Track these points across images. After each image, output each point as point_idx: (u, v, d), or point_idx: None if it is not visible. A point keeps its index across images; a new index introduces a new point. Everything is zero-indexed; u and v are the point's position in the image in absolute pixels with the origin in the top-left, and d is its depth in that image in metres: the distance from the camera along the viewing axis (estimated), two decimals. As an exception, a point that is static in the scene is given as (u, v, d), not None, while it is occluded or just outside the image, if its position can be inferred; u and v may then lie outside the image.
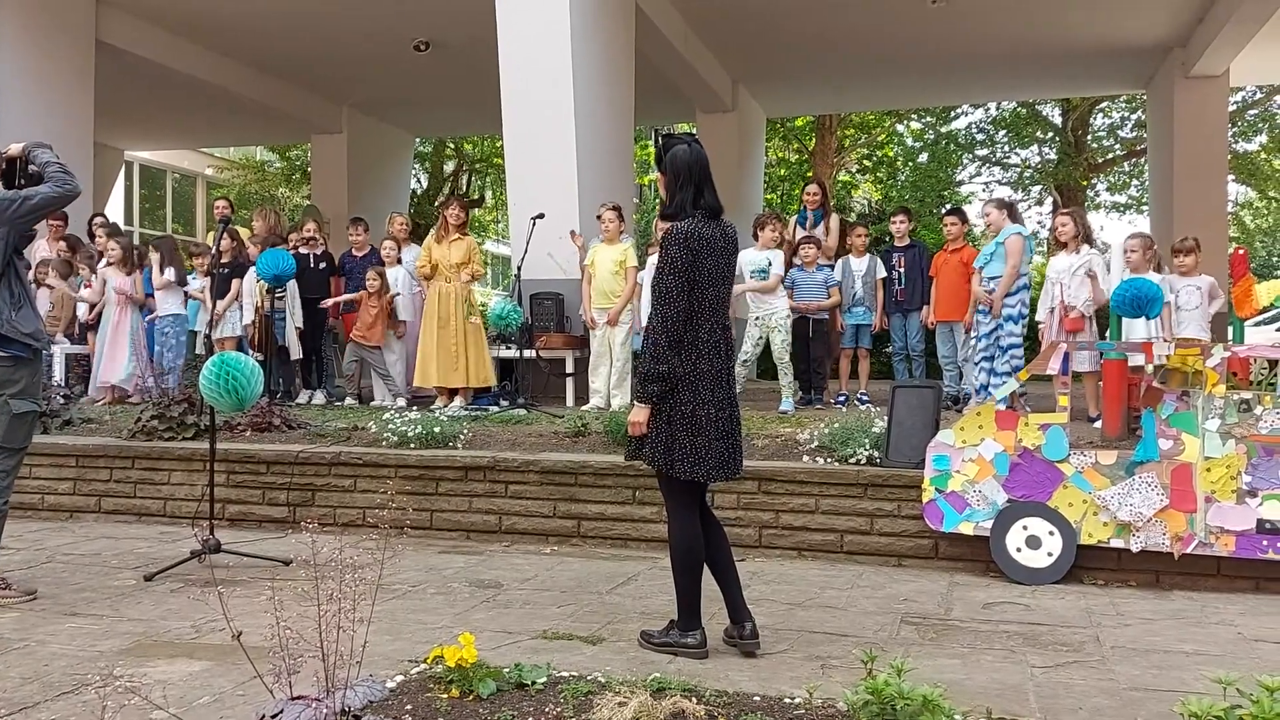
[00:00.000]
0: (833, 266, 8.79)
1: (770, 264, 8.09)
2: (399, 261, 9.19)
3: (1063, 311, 7.20)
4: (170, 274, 9.07)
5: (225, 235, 8.68)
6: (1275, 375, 6.00)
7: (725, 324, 3.84)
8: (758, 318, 8.09)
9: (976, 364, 7.57)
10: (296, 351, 9.12)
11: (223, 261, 9.05)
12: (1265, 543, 4.86)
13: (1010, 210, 7.89)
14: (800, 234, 8.94)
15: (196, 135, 19.93)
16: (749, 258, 8.18)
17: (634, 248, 8.28)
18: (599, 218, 8.24)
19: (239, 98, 14.53)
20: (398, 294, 8.93)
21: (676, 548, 3.82)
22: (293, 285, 8.98)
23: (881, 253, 9.22)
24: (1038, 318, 7.64)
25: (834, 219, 9.34)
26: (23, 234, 4.70)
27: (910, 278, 8.69)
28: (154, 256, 9.31)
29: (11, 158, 4.68)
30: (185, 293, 9.32)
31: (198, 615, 4.31)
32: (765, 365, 9.53)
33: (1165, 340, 6.54)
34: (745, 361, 8.20)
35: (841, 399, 8.68)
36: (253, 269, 8.98)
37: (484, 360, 8.43)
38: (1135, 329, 6.99)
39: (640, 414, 3.73)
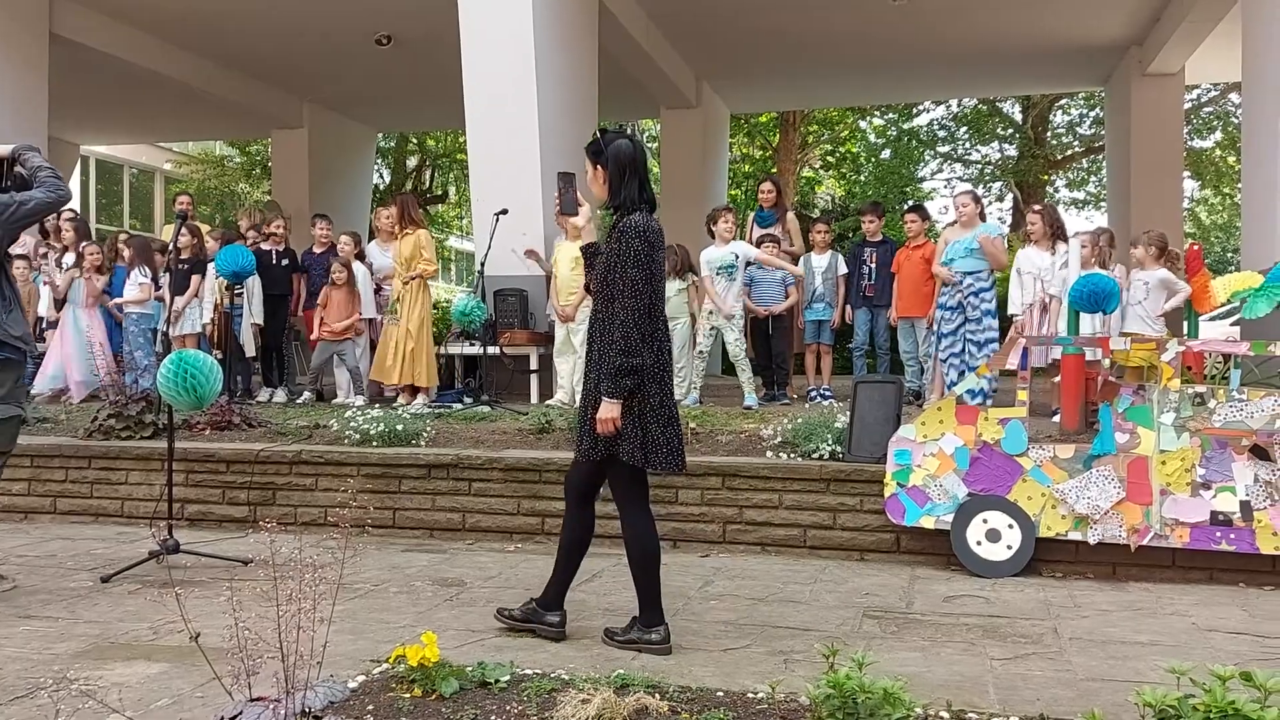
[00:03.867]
0: (794, 263, 8.82)
1: (737, 257, 8.12)
2: (358, 257, 9.13)
3: (1043, 306, 7.31)
4: (141, 275, 8.97)
5: (185, 231, 8.59)
6: (1229, 370, 6.10)
7: (666, 317, 3.89)
8: (710, 312, 8.12)
9: (945, 360, 7.62)
10: (252, 349, 9.02)
11: (181, 258, 8.95)
12: (1219, 534, 4.95)
13: (980, 206, 7.98)
14: (758, 232, 8.96)
15: (154, 129, 19.66)
16: (713, 255, 8.20)
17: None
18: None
19: (198, 92, 14.33)
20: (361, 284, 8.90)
21: (636, 546, 3.82)
22: (251, 282, 8.88)
23: (852, 248, 9.26)
24: (1012, 311, 7.69)
25: (790, 217, 9.36)
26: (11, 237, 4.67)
27: (881, 274, 8.72)
28: (126, 254, 9.23)
29: (1, 159, 4.64)
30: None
31: (156, 617, 4.25)
32: (729, 362, 9.56)
33: (1108, 335, 6.64)
34: (701, 353, 8.24)
35: (812, 394, 8.70)
36: (212, 265, 8.88)
37: (424, 359, 8.34)
38: (1084, 325, 7.07)
39: (614, 409, 3.67)
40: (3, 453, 4.66)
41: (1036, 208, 8.02)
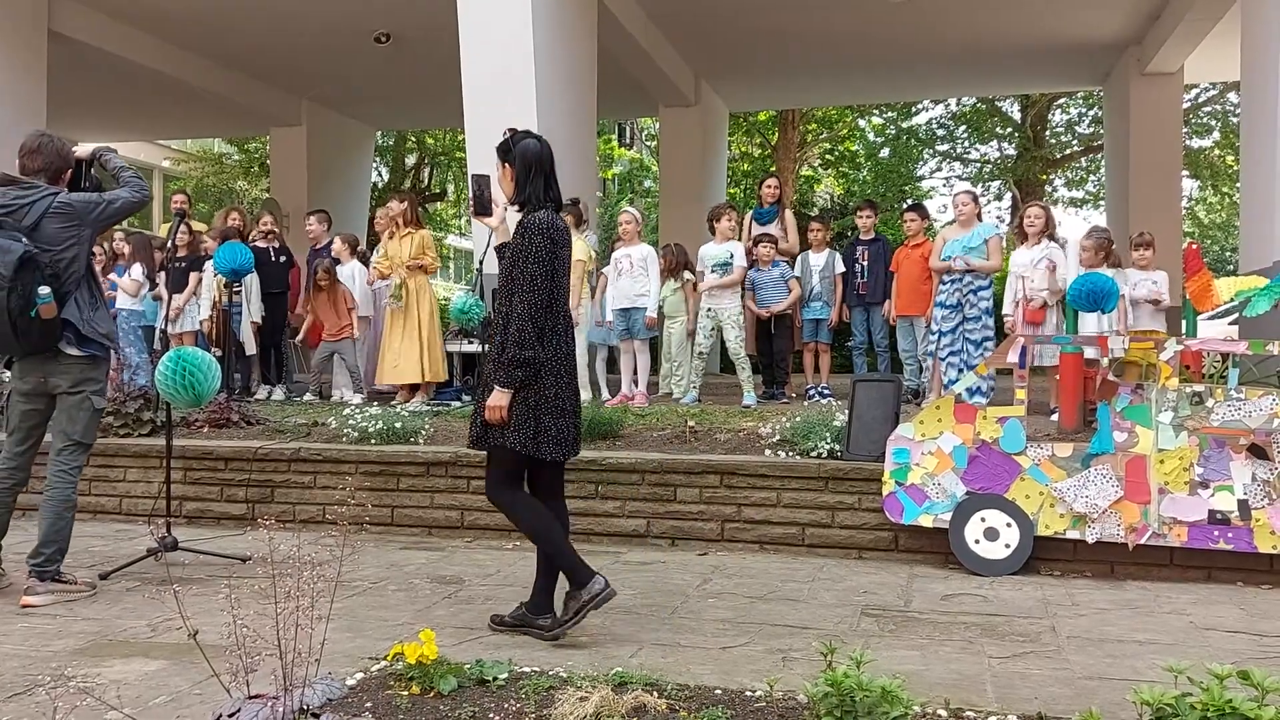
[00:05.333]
0: (791, 262, 8.82)
1: (732, 256, 8.11)
2: (352, 256, 9.13)
3: (1024, 303, 7.30)
4: (139, 271, 8.96)
5: (182, 228, 8.59)
6: (1227, 369, 6.10)
7: (569, 312, 4.01)
8: (709, 310, 8.12)
9: (944, 359, 7.62)
10: (251, 347, 9.01)
11: (179, 255, 8.95)
12: (1216, 533, 4.95)
13: (978, 206, 8.00)
14: (756, 229, 8.96)
15: (153, 127, 19.62)
16: (709, 251, 8.20)
17: (584, 242, 8.27)
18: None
19: (196, 90, 14.30)
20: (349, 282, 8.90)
21: (527, 520, 3.97)
22: (249, 279, 8.88)
23: (846, 246, 9.26)
24: (1005, 311, 7.70)
25: (789, 215, 9.36)
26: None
27: (873, 272, 8.73)
28: (125, 249, 9.22)
29: (80, 159, 4.76)
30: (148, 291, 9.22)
31: (154, 614, 4.25)
32: (728, 360, 9.56)
33: (1118, 334, 6.64)
34: (701, 354, 8.23)
35: (810, 392, 8.70)
36: (210, 263, 8.87)
37: (438, 348, 8.35)
38: (1088, 323, 7.08)
39: (503, 399, 3.80)
40: (87, 446, 4.76)
41: (1041, 204, 8.00)
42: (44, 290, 4.37)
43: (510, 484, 3.98)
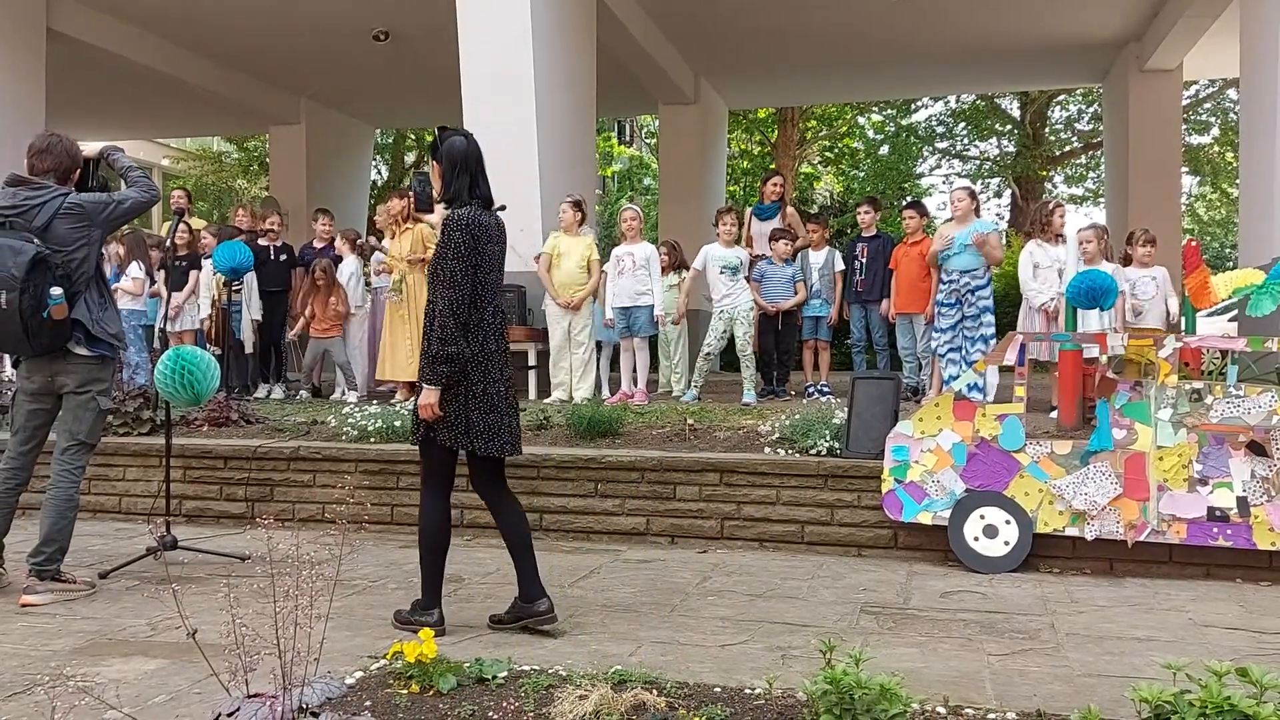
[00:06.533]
0: (792, 258, 8.83)
1: (741, 262, 8.15)
2: (354, 253, 9.13)
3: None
4: (137, 269, 8.95)
5: (183, 227, 8.59)
6: (1226, 366, 6.09)
7: (502, 308, 4.04)
8: (722, 310, 8.12)
9: (944, 356, 7.62)
10: (250, 345, 9.01)
11: (180, 254, 8.95)
12: (1215, 530, 4.95)
13: (976, 202, 7.99)
14: (757, 225, 8.96)
15: (152, 126, 19.61)
16: (717, 253, 8.21)
17: (588, 240, 8.29)
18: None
19: (195, 88, 14.30)
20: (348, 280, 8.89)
21: (429, 527, 3.97)
22: (249, 278, 8.88)
23: (847, 242, 9.25)
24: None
25: (790, 210, 9.38)
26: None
27: (872, 269, 8.72)
28: (120, 250, 9.21)
29: (88, 158, 4.76)
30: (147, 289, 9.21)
31: (153, 613, 4.25)
32: (729, 357, 9.57)
33: (1117, 330, 6.64)
34: (708, 355, 8.23)
35: (810, 390, 8.70)
36: (209, 262, 8.87)
37: None
38: (1089, 320, 7.08)
39: (432, 396, 3.83)
40: (92, 446, 4.78)
41: (1055, 203, 8.00)
42: (56, 291, 4.38)
43: (436, 483, 4.01)
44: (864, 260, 8.74)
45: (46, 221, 4.46)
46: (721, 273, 8.10)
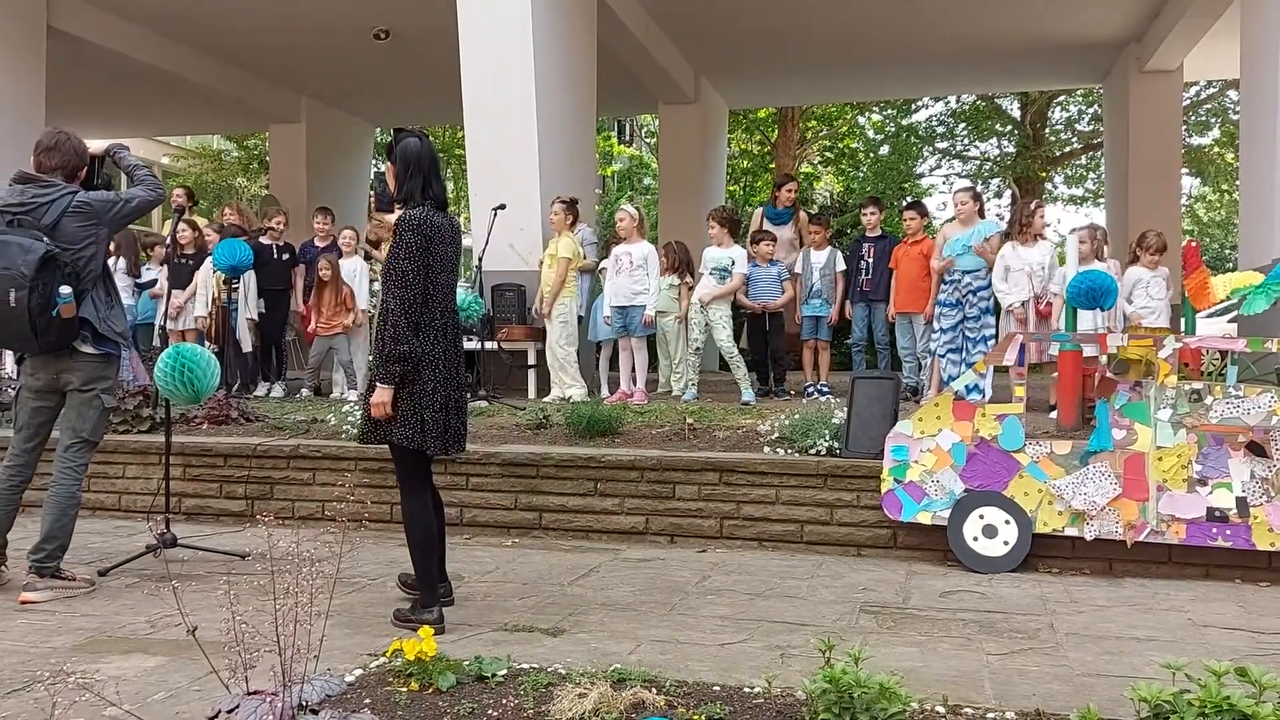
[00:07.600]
0: (776, 261, 8.82)
1: (733, 263, 8.14)
2: (357, 252, 9.13)
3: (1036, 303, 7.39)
4: (121, 266, 8.95)
5: (185, 225, 8.59)
6: (1225, 366, 6.09)
7: (455, 309, 4.09)
8: (700, 308, 8.16)
9: (943, 356, 7.62)
10: (248, 344, 9.01)
11: (184, 252, 8.96)
12: (1215, 530, 4.95)
13: (980, 203, 8.00)
14: (771, 229, 8.97)
15: (152, 123, 19.59)
16: (711, 255, 8.22)
17: (572, 240, 8.30)
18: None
19: (195, 86, 14.29)
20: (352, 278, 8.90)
21: (416, 528, 4.04)
22: (247, 276, 8.88)
23: (852, 242, 9.25)
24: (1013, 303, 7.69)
25: (803, 216, 9.46)
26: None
27: (878, 269, 8.71)
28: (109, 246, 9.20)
29: (94, 156, 4.77)
30: (140, 289, 9.19)
31: (153, 610, 4.26)
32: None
33: (1111, 330, 6.65)
34: (696, 349, 8.26)
35: (810, 390, 8.70)
36: (209, 260, 8.86)
37: None
38: (1086, 321, 7.09)
39: (385, 394, 3.89)
40: (94, 444, 4.81)
41: (1036, 203, 8.00)
42: (65, 290, 4.38)
43: (415, 484, 4.09)
44: (870, 260, 8.73)
45: (55, 219, 4.46)
46: (711, 274, 8.13)
